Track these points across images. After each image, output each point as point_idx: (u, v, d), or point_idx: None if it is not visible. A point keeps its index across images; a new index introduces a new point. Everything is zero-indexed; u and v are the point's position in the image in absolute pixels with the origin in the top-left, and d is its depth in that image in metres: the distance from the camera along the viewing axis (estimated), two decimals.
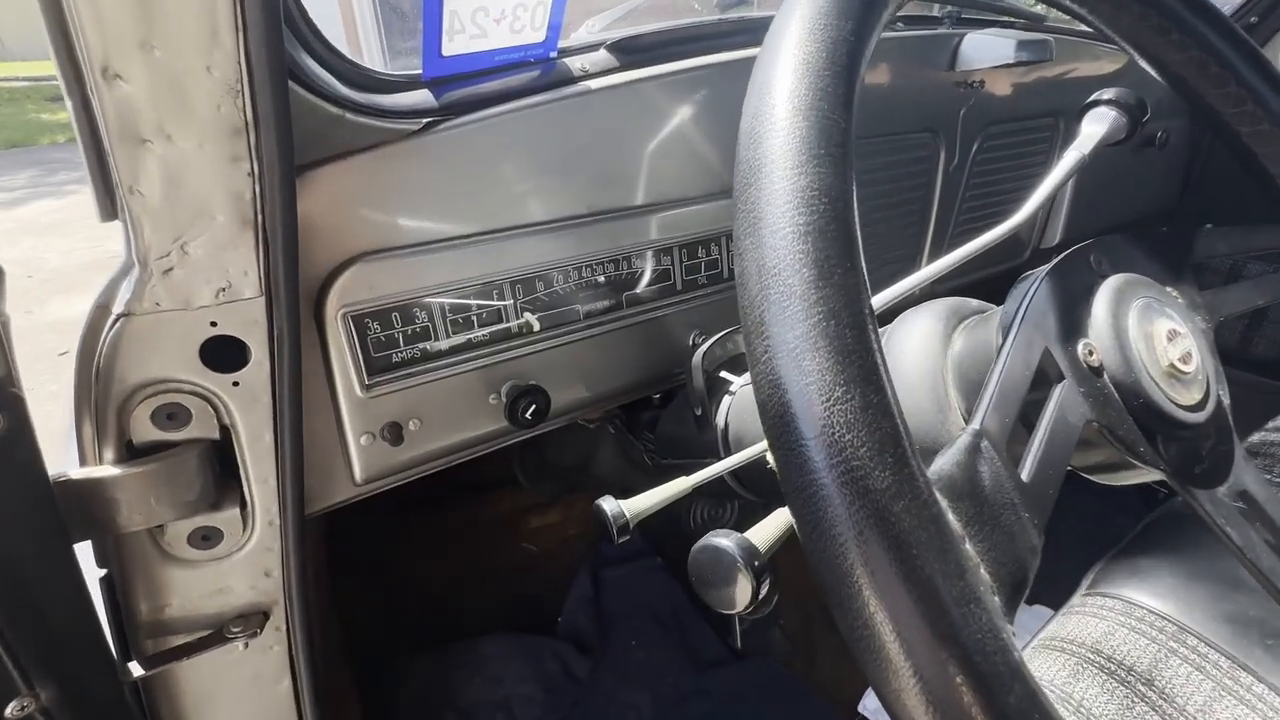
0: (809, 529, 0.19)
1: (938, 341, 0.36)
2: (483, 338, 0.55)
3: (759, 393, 0.20)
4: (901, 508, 0.18)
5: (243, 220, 0.40)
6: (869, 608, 0.18)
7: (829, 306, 0.19)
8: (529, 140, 0.54)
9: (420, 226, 0.51)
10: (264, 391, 0.45)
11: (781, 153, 0.22)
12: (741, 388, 0.54)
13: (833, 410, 0.19)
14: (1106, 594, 0.71)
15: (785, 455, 0.20)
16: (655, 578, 1.19)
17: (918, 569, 0.18)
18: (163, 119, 0.35)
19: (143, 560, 0.47)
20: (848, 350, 0.19)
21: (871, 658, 0.19)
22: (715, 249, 0.68)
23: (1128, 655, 0.63)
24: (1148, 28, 0.36)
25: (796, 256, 0.20)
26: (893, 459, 0.19)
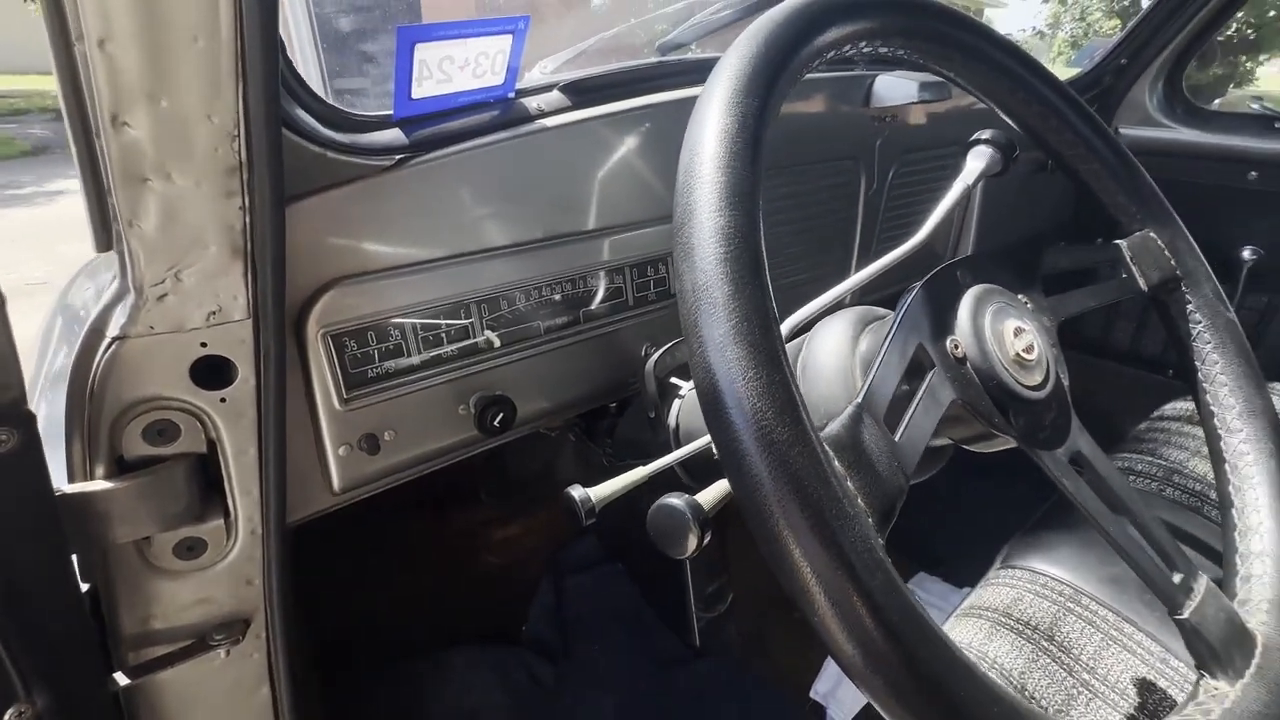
0: (736, 476, 0.25)
1: (847, 342, 0.43)
2: (451, 353, 0.60)
3: (696, 380, 0.27)
4: (798, 453, 0.25)
5: (234, 249, 0.43)
6: (778, 527, 0.25)
7: (743, 312, 0.26)
8: (491, 173, 0.59)
9: (393, 252, 0.55)
10: (250, 406, 0.48)
11: (706, 200, 0.28)
12: (690, 391, 0.60)
13: (749, 385, 0.25)
14: (1016, 566, 0.81)
15: (716, 423, 0.26)
16: (615, 583, 1.24)
17: (809, 495, 0.24)
18: (164, 160, 0.39)
19: (128, 572, 0.49)
20: (756, 343, 0.26)
21: (782, 564, 0.25)
22: (663, 268, 0.74)
23: (1033, 617, 0.72)
24: (1001, 88, 0.45)
25: (718, 276, 0.26)
26: (790, 419, 0.25)
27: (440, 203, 0.57)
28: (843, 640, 0.25)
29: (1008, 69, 0.44)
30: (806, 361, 0.44)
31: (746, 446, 0.25)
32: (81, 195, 0.41)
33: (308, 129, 0.48)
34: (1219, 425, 0.43)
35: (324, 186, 0.50)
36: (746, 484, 0.25)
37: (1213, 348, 0.44)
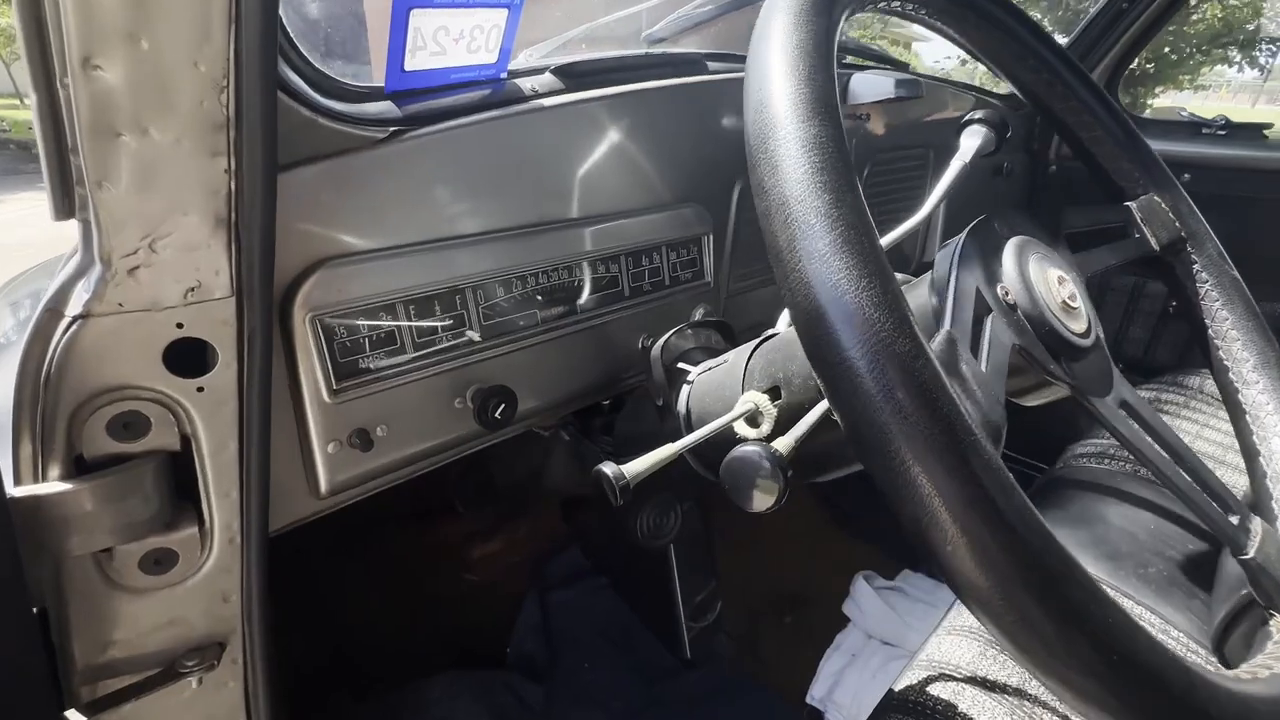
0: (848, 395, 0.23)
1: None
2: (447, 343, 0.56)
3: (793, 297, 0.25)
4: (921, 366, 0.23)
5: (217, 218, 0.39)
6: (901, 447, 0.22)
7: (848, 220, 0.24)
8: (486, 152, 0.56)
9: (385, 232, 0.52)
10: (231, 396, 0.43)
11: (789, 112, 0.27)
12: (699, 376, 0.58)
13: (863, 296, 0.23)
14: None
15: (821, 339, 0.24)
16: (601, 597, 1.19)
17: (940, 412, 0.22)
18: (140, 112, 0.35)
19: (86, 590, 0.43)
20: (867, 252, 0.24)
21: (905, 489, 0.23)
22: (657, 257, 0.73)
23: None
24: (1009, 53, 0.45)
25: (815, 186, 0.25)
26: (910, 332, 0.23)
27: (435, 180, 0.53)
28: (976, 571, 0.23)
29: (1017, 34, 0.45)
30: None
31: (862, 362, 0.23)
32: (40, 154, 0.37)
33: (298, 91, 0.44)
34: (1235, 379, 0.44)
35: (313, 156, 0.47)
36: (862, 403, 0.23)
37: (1221, 304, 0.45)
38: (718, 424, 0.46)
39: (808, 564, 1.34)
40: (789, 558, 1.35)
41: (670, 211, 0.73)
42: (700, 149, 0.75)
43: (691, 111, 0.74)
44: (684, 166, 0.74)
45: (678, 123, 0.72)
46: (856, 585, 1.21)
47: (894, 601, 1.16)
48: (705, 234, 0.76)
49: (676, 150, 0.72)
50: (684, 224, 0.74)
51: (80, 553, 0.41)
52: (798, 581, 1.30)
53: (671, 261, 0.74)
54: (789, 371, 0.46)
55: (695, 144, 0.74)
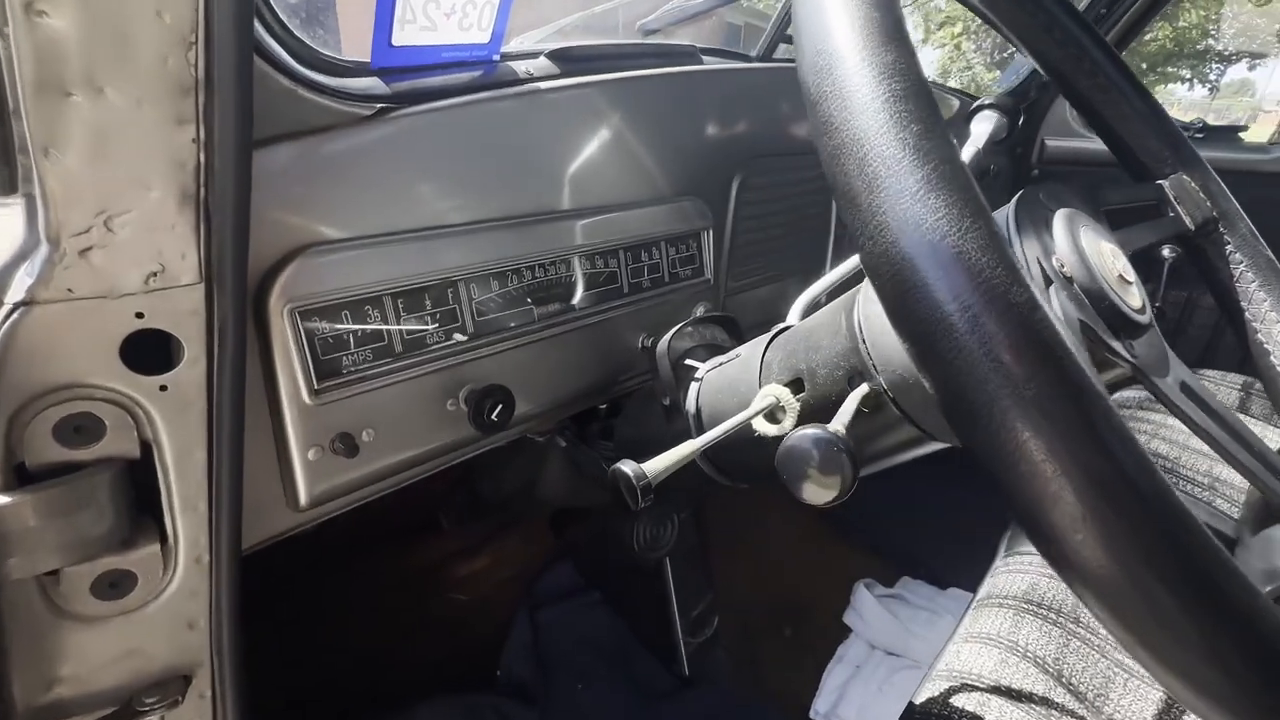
0: (947, 353, 0.20)
1: None
2: (438, 338, 0.52)
3: (875, 246, 0.21)
4: (1040, 320, 0.20)
5: (183, 194, 0.35)
6: (1016, 422, 0.19)
7: (941, 154, 0.21)
8: (480, 135, 0.53)
9: (371, 218, 0.48)
10: (198, 396, 0.39)
11: (859, 38, 0.23)
12: (707, 372, 0.55)
13: (966, 238, 0.20)
14: (1022, 552, 0.79)
15: (913, 290, 0.20)
16: (595, 613, 1.14)
17: (1069, 375, 0.19)
18: (94, 68, 0.31)
19: (28, 620, 0.37)
20: (967, 188, 0.21)
21: (1021, 463, 0.20)
22: (656, 253, 0.69)
23: (1054, 600, 0.70)
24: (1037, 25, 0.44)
25: (899, 116, 0.22)
26: (1022, 279, 0.20)
27: (424, 163, 0.50)
28: (1111, 562, 0.19)
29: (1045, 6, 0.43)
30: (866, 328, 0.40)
31: (968, 315, 0.19)
32: None
33: (275, 57, 0.40)
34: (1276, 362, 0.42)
35: (292, 132, 0.42)
36: (968, 364, 0.19)
37: (1258, 285, 0.44)
38: (737, 419, 0.43)
39: (804, 574, 1.31)
40: (784, 568, 1.32)
41: (669, 205, 0.70)
42: (698, 141, 0.72)
43: (689, 102, 0.71)
44: (682, 158, 0.71)
45: (675, 113, 0.69)
46: (858, 594, 1.18)
47: (896, 610, 1.13)
48: (705, 229, 0.73)
49: (674, 141, 0.69)
50: (683, 218, 0.71)
51: (21, 576, 0.36)
52: (795, 592, 1.27)
53: (671, 258, 0.71)
54: (813, 362, 0.43)
55: (693, 135, 0.72)
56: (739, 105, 0.77)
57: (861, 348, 0.40)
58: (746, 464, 0.52)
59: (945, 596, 1.19)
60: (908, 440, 0.41)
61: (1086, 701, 0.61)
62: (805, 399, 0.43)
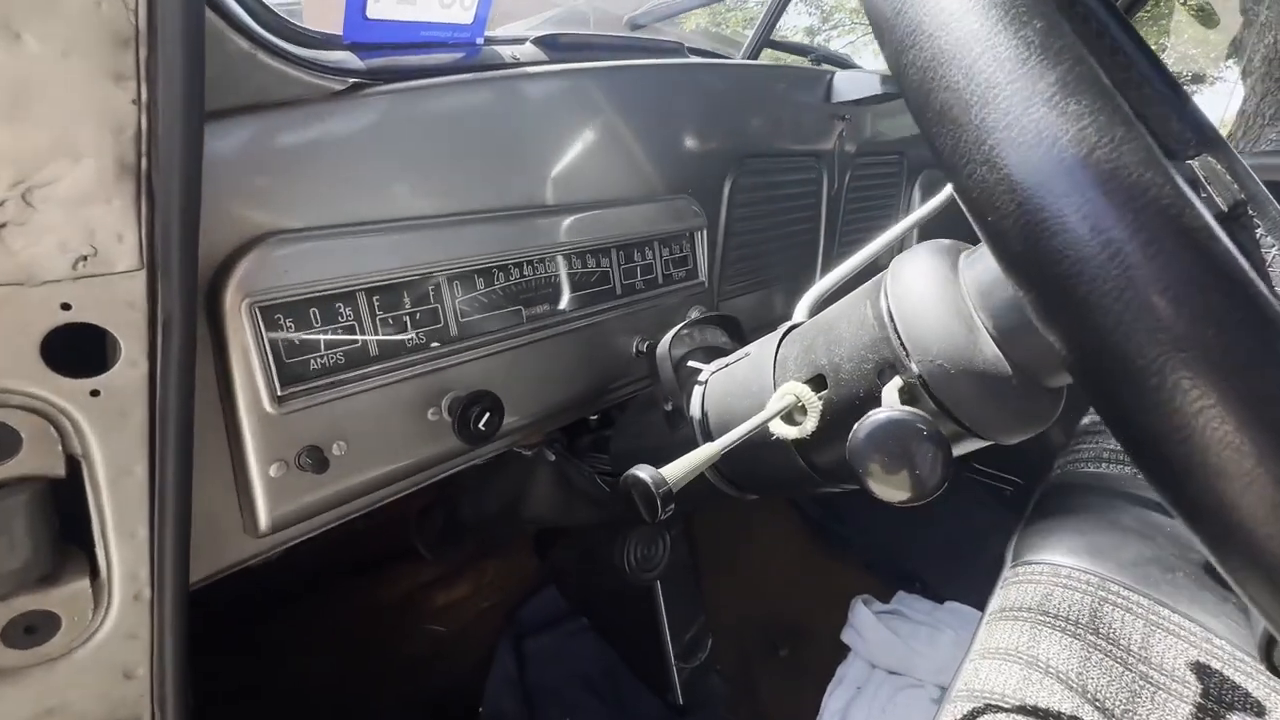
0: (1109, 296, 0.16)
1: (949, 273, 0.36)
2: (418, 340, 0.47)
3: (994, 170, 0.17)
4: (1222, 250, 0.16)
5: (120, 164, 0.30)
6: (1191, 387, 0.15)
7: (1074, 54, 0.18)
8: (464, 120, 0.49)
9: (343, 205, 0.43)
10: (138, 404, 0.33)
11: None
12: (713, 374, 0.51)
13: (1121, 150, 0.16)
14: (1032, 562, 0.76)
15: (1056, 220, 0.16)
16: (583, 641, 1.08)
17: (1266, 314, 0.15)
18: (9, 9, 0.26)
19: None
20: (1110, 93, 0.17)
21: (1198, 438, 0.16)
22: (649, 253, 0.66)
23: (1069, 611, 0.67)
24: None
25: (1017, 13, 0.18)
26: (1190, 200, 0.17)
27: (401, 147, 0.45)
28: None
29: None
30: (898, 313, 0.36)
31: (1145, 241, 0.15)
32: None
33: (233, 15, 0.36)
34: None
35: (254, 104, 0.38)
36: (1141, 308, 0.16)
37: None
38: (755, 420, 0.39)
39: (797, 592, 1.26)
40: (776, 587, 1.27)
41: (662, 203, 0.66)
42: (690, 136, 0.69)
43: (681, 95, 0.68)
44: (674, 154, 0.68)
45: (667, 106, 0.66)
46: (855, 611, 1.13)
47: (895, 626, 1.10)
48: (698, 229, 0.70)
49: (666, 136, 0.66)
50: (677, 217, 0.68)
51: None
52: (789, 612, 1.22)
53: (664, 258, 0.67)
54: (835, 357, 0.40)
55: (685, 130, 0.69)
56: (729, 103, 0.75)
57: (893, 338, 0.36)
58: (759, 472, 0.48)
59: (944, 610, 1.15)
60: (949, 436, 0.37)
61: (1115, 718, 0.57)
62: (828, 397, 0.40)
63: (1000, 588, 0.75)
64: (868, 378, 0.38)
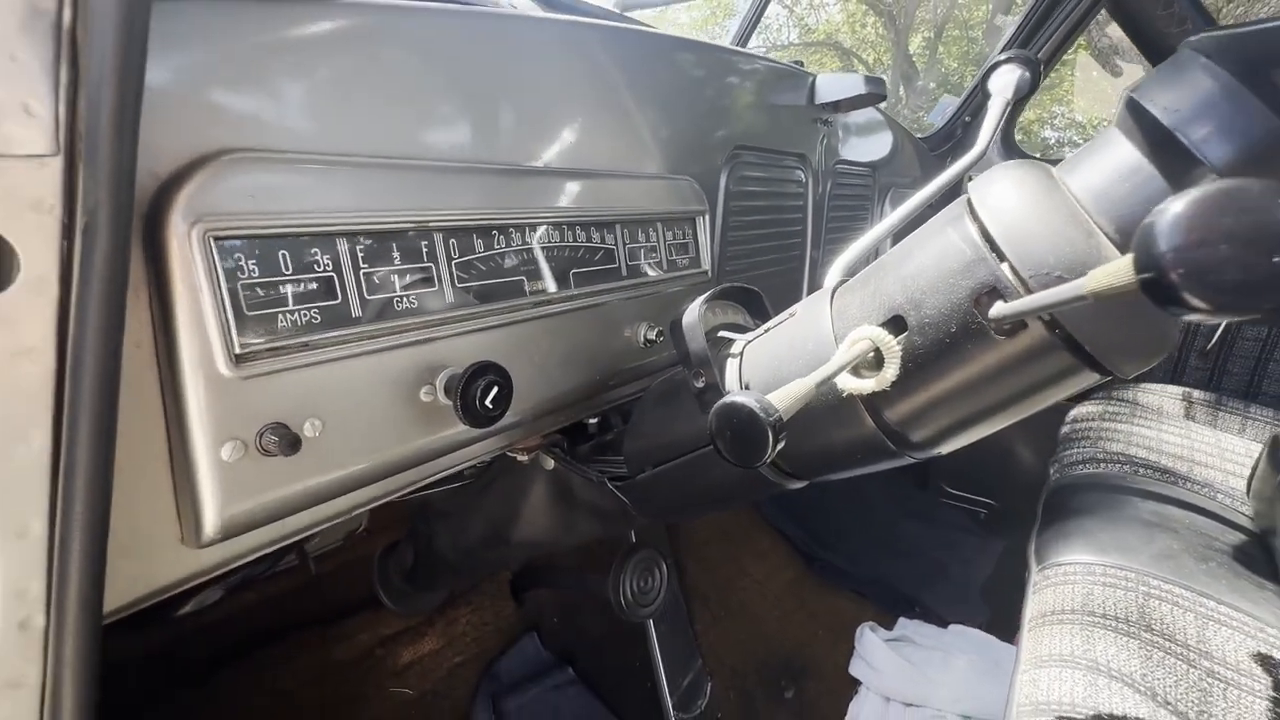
0: None
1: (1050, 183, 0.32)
2: (408, 305, 0.39)
3: None
4: None
5: (32, 8, 0.22)
6: None
7: None
8: (461, 55, 0.43)
9: (321, 126, 0.35)
10: (41, 337, 0.24)
11: None
12: (750, 345, 0.45)
13: None
14: (1060, 563, 0.72)
15: None
16: (569, 695, 0.96)
17: None
18: None
19: None
20: None
21: None
22: (654, 234, 0.60)
23: (1116, 609, 0.62)
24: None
25: None
26: None
27: (394, 71, 0.39)
28: None
29: None
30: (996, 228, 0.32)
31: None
32: None
33: None
34: None
35: None
36: None
37: None
38: (833, 365, 0.33)
39: (794, 627, 1.18)
40: (772, 622, 1.19)
41: (666, 181, 0.62)
42: (687, 114, 0.66)
43: (678, 70, 0.65)
44: (672, 131, 0.63)
45: (666, 78, 0.62)
46: (863, 640, 1.06)
47: (907, 654, 1.02)
48: (701, 213, 0.66)
49: (665, 109, 0.62)
50: (680, 197, 0.63)
51: None
52: (788, 647, 1.13)
53: (668, 243, 0.62)
54: (914, 290, 0.34)
55: (682, 107, 0.65)
56: (723, 86, 0.72)
57: (991, 258, 0.31)
58: (817, 446, 0.41)
59: (951, 634, 1.09)
60: (1053, 376, 0.32)
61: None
62: (910, 339, 0.34)
63: (1033, 592, 0.70)
64: (961, 308, 0.32)
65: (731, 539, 1.30)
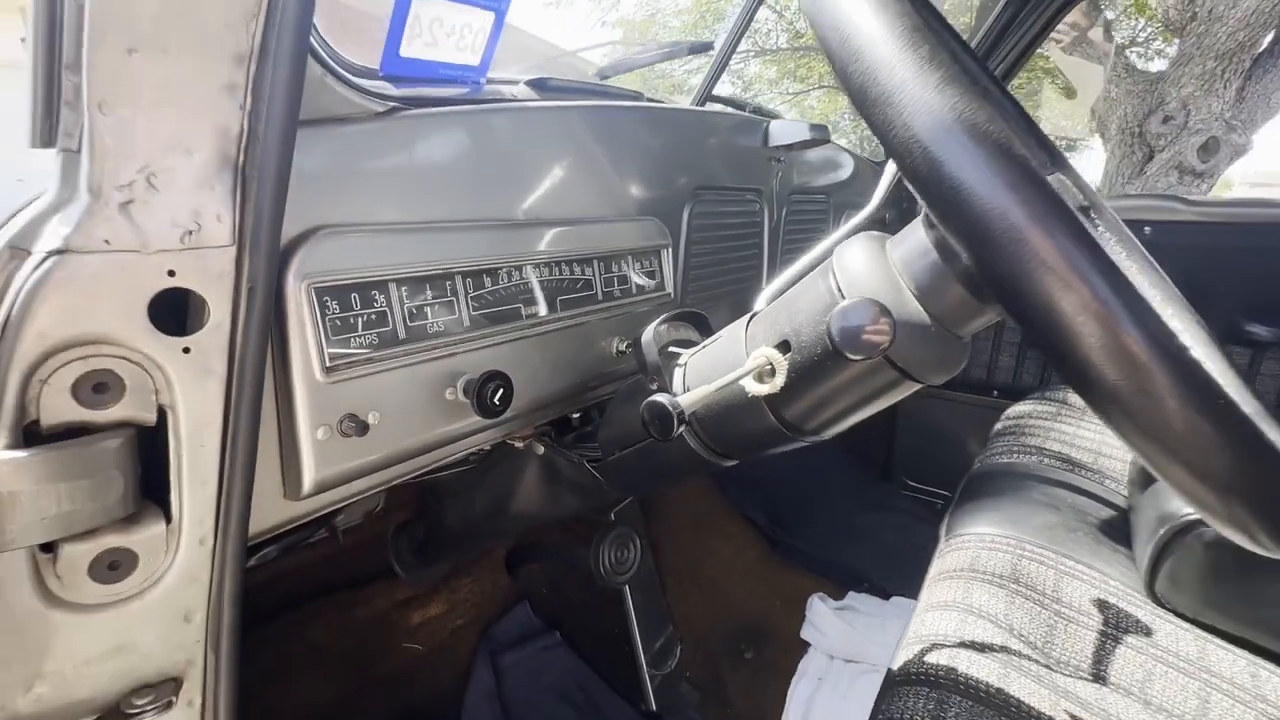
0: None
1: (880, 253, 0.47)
2: (437, 328, 0.54)
3: (920, 137, 0.27)
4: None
5: (223, 157, 0.37)
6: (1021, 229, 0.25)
7: (959, 64, 0.28)
8: (476, 143, 0.57)
9: (381, 206, 0.50)
10: (219, 360, 0.38)
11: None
12: (692, 357, 0.60)
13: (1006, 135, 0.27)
14: (962, 534, 0.87)
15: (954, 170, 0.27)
16: (556, 655, 1.10)
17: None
18: (161, 29, 0.33)
19: (14, 604, 0.34)
20: (992, 92, 0.27)
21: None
22: (625, 265, 0.75)
23: (995, 568, 0.77)
24: None
25: (911, 26, 0.29)
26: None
27: (428, 162, 0.53)
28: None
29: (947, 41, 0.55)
30: (845, 284, 0.46)
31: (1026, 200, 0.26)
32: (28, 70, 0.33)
33: (312, 46, 0.43)
34: None
35: (318, 118, 0.45)
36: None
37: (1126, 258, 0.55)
38: (736, 373, 0.48)
39: (757, 599, 1.33)
40: (738, 595, 1.34)
41: (634, 222, 0.76)
42: (655, 166, 0.80)
43: (646, 133, 0.79)
44: (642, 182, 0.78)
45: (635, 141, 0.77)
46: (813, 607, 1.21)
47: (850, 619, 1.18)
48: (665, 247, 0.80)
49: (635, 165, 0.77)
50: (646, 235, 0.77)
51: (22, 545, 0.33)
52: (750, 617, 1.29)
53: (637, 270, 0.77)
54: (797, 324, 0.49)
55: (652, 161, 0.80)
56: (685, 141, 0.87)
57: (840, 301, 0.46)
58: (737, 433, 0.56)
59: (891, 604, 1.25)
60: (886, 384, 0.47)
61: (1036, 648, 0.67)
62: (793, 357, 0.49)
63: (937, 558, 0.85)
64: (824, 337, 0.47)
65: (703, 525, 1.45)
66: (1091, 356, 0.27)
